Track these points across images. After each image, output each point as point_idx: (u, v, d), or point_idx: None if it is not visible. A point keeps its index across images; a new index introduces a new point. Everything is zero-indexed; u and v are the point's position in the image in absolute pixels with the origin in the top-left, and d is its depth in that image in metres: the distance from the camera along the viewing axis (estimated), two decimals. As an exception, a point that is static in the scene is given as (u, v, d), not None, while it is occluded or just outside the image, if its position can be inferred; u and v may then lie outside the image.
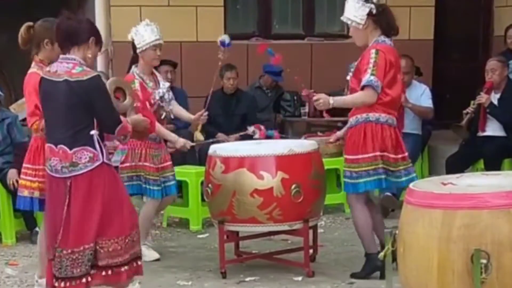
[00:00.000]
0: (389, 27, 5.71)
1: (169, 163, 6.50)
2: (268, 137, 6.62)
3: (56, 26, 4.94)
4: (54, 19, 5.26)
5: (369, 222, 5.75)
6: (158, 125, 6.00)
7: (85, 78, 4.73)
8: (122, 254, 4.81)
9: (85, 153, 4.76)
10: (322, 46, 10.11)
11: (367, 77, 5.54)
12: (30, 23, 5.50)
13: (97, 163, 4.77)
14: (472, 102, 8.02)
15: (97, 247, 4.77)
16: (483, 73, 8.08)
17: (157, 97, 6.34)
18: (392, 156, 5.65)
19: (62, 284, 4.77)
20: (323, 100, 5.69)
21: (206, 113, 6.57)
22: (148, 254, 6.36)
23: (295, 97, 9.76)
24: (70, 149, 4.76)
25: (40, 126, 5.32)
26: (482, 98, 7.91)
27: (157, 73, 6.57)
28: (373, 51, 5.60)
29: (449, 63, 10.74)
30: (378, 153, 5.60)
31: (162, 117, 6.44)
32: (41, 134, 5.34)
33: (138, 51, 6.34)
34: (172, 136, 6.47)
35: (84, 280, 4.76)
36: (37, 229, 7.02)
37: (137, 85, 6.23)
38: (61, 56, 4.85)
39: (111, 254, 4.78)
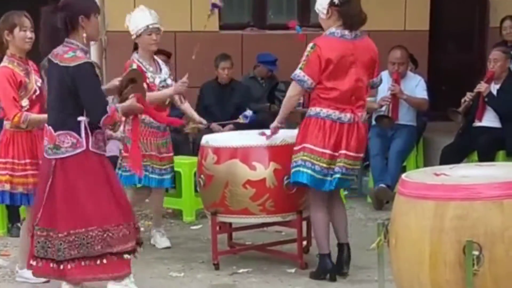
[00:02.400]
0: (351, 19, 5.46)
1: (171, 154, 6.54)
2: None
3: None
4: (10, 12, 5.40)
5: (326, 221, 5.58)
6: (151, 99, 5.88)
7: (72, 64, 4.75)
8: (132, 239, 4.95)
9: (68, 138, 4.81)
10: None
11: (295, 71, 5.51)
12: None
13: (79, 150, 4.81)
14: (468, 93, 7.99)
15: (107, 234, 4.85)
16: (478, 64, 8.06)
17: (157, 82, 6.35)
18: (328, 152, 5.41)
19: (62, 266, 4.85)
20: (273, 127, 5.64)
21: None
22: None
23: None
24: (55, 131, 4.83)
25: (21, 119, 5.33)
26: (482, 86, 7.88)
27: (158, 60, 6.58)
28: (310, 45, 5.50)
29: (445, 54, 10.70)
30: (306, 145, 5.43)
31: (166, 102, 6.45)
32: (26, 126, 5.35)
33: (133, 37, 6.36)
34: (164, 91, 6.39)
35: (83, 263, 4.84)
36: (18, 224, 7.04)
37: (134, 67, 6.20)
38: (65, 40, 4.86)
39: (122, 240, 4.89)
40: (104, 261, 4.88)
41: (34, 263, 4.96)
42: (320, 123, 5.44)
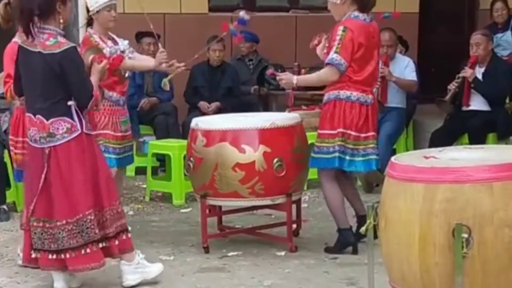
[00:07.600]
0: (365, 3, 5.63)
1: (130, 132, 6.30)
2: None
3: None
4: None
5: (340, 197, 5.76)
6: (127, 60, 6.00)
7: (57, 51, 4.74)
8: (109, 226, 4.90)
9: (62, 124, 4.79)
10: (307, 18, 10.04)
11: (330, 55, 5.53)
12: (6, 0, 5.43)
13: (75, 134, 4.81)
14: (457, 76, 7.97)
15: (105, 217, 4.86)
16: (468, 47, 8.03)
17: (114, 53, 6.02)
18: (354, 134, 5.60)
19: (63, 256, 4.83)
20: (285, 79, 5.71)
21: (183, 64, 6.29)
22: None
23: (279, 70, 9.65)
24: (47, 119, 4.79)
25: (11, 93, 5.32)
26: (467, 72, 7.86)
27: (114, 36, 6.25)
28: (341, 28, 5.55)
29: (435, 36, 10.69)
30: (341, 130, 5.57)
31: (126, 75, 6.25)
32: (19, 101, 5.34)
33: (91, 13, 6.12)
34: (147, 59, 6.35)
35: (83, 251, 4.82)
36: (4, 206, 7.00)
37: (97, 38, 6.02)
38: (40, 25, 4.78)
39: (115, 220, 4.90)
40: (105, 244, 4.89)
41: (35, 255, 4.91)
42: (351, 106, 5.57)
